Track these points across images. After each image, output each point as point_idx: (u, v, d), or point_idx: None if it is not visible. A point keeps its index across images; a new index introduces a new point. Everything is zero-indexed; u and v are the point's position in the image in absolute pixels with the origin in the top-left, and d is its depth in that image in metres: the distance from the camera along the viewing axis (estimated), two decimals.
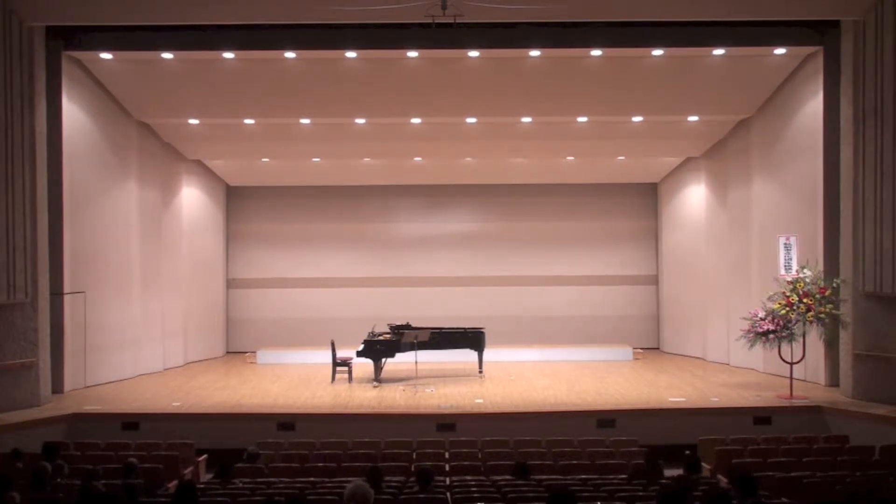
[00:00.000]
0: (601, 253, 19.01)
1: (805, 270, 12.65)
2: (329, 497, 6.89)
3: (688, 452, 8.66)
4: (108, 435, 10.81)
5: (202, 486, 7.78)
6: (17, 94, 12.04)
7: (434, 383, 14.18)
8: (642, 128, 15.56)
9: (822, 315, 12.17)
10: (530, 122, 15.29)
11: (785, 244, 14.11)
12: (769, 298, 12.76)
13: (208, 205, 18.21)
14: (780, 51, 13.27)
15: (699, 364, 16.43)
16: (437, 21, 10.20)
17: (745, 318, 12.96)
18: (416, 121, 15.18)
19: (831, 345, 12.86)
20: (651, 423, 11.52)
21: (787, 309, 12.34)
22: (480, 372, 15.03)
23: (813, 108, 13.52)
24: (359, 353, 14.24)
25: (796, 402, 12.07)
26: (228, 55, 13.09)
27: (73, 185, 13.57)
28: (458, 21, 10.23)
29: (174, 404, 12.59)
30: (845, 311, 12.28)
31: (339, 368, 14.54)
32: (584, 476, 8.05)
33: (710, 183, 16.93)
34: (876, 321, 12.07)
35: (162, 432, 10.89)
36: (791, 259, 13.90)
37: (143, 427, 11.39)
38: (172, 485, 7.96)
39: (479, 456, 9.44)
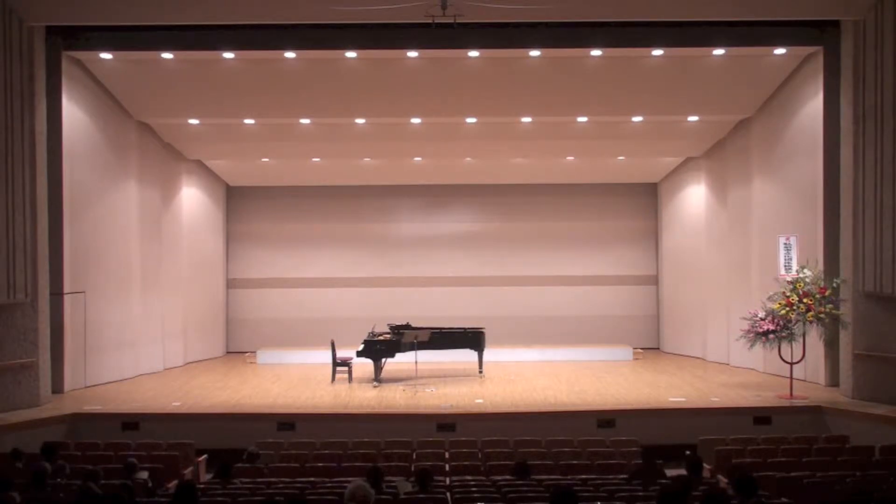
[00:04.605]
0: (601, 253, 19.00)
1: (805, 270, 12.64)
2: (329, 497, 6.89)
3: (688, 453, 8.65)
4: (108, 435, 10.83)
5: (202, 486, 7.78)
6: (17, 94, 12.04)
7: (434, 383, 14.17)
8: (642, 128, 15.56)
9: (822, 315, 12.16)
10: (530, 122, 15.29)
11: (785, 244, 14.10)
12: (769, 298, 12.75)
13: (208, 205, 18.21)
14: (780, 51, 13.27)
15: (699, 364, 16.43)
16: (437, 21, 10.20)
17: (745, 318, 12.95)
18: (416, 121, 15.18)
19: (831, 345, 12.85)
20: (651, 423, 11.52)
21: (787, 309, 12.33)
22: (480, 372, 15.02)
23: (813, 108, 13.52)
24: (359, 353, 14.23)
25: (796, 402, 12.07)
26: (228, 55, 13.10)
27: (73, 185, 13.56)
28: (458, 21, 10.24)
29: (174, 404, 12.59)
30: (845, 311, 12.27)
31: (339, 368, 14.53)
32: (584, 476, 8.04)
33: (710, 183, 16.93)
34: (876, 321, 12.07)
35: (162, 432, 10.89)
36: (791, 259, 13.89)
37: (143, 427, 11.38)
38: (172, 485, 7.96)
39: (479, 456, 9.45)
